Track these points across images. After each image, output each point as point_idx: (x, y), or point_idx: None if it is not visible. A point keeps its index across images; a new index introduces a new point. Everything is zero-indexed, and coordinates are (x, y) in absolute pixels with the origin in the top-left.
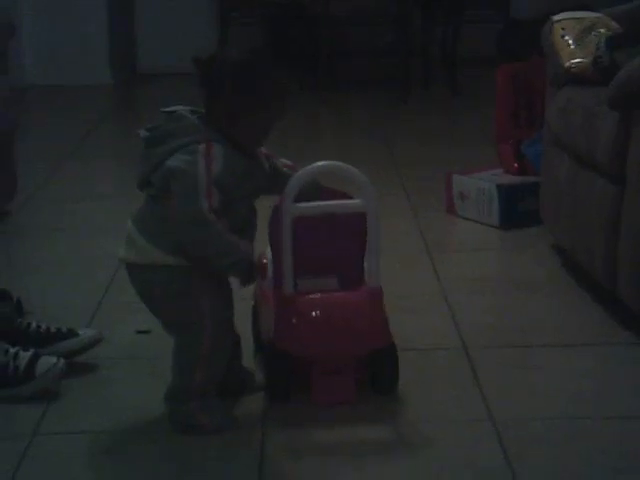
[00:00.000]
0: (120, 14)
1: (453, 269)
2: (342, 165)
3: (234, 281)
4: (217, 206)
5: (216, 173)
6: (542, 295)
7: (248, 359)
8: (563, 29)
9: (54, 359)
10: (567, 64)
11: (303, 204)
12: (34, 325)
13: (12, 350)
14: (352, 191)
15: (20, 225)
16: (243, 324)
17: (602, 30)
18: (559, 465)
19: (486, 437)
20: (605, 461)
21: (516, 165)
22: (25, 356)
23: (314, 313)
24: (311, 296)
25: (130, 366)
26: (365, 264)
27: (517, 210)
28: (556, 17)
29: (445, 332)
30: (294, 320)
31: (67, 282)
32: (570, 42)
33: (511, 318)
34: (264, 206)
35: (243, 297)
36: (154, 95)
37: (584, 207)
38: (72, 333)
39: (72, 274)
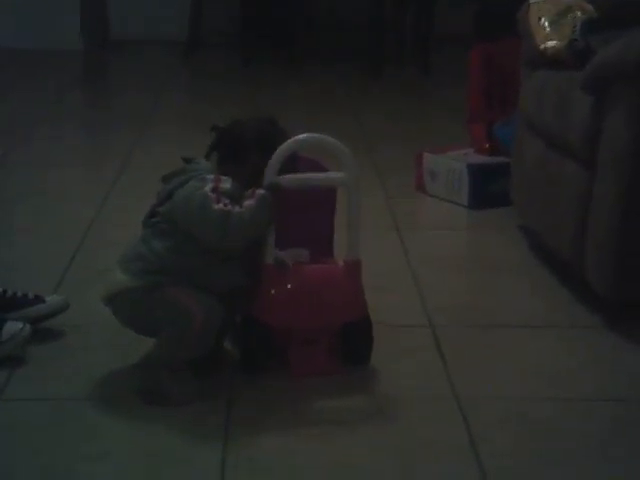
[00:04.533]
0: None
1: (421, 247)
2: (325, 137)
3: None
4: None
5: (223, 188)
6: (509, 276)
7: None
8: (539, 11)
9: (20, 324)
10: (542, 46)
11: (284, 176)
12: (0, 290)
13: None
14: (327, 161)
15: None
16: None
17: (578, 13)
18: (521, 444)
19: (451, 415)
20: (567, 442)
21: (487, 145)
22: None
23: (294, 284)
24: (291, 267)
25: (96, 333)
26: (336, 236)
27: (487, 191)
28: None
29: (411, 309)
30: (274, 291)
31: (35, 248)
32: (546, 24)
33: (478, 298)
34: None
35: None
36: (125, 62)
37: (554, 190)
38: (39, 299)
39: (40, 240)
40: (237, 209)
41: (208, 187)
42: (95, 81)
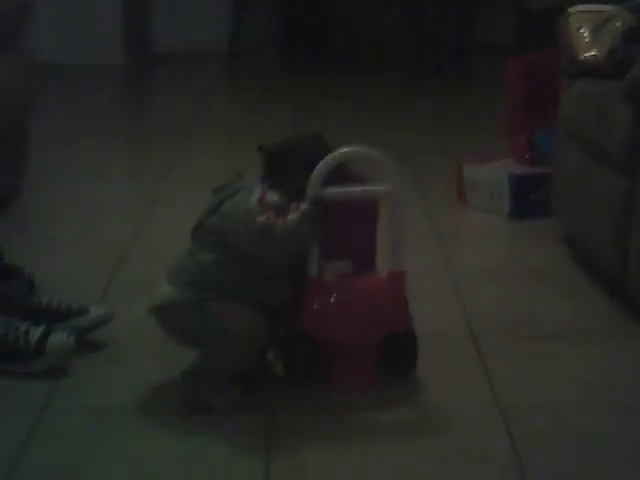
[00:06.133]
0: None
1: (463, 258)
2: (367, 150)
3: None
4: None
5: (269, 200)
6: (551, 286)
7: None
8: (579, 21)
9: (65, 335)
10: (582, 57)
11: (327, 189)
12: (45, 302)
13: (23, 326)
14: (371, 173)
15: (32, 203)
16: None
17: (618, 23)
18: (567, 454)
19: (495, 425)
20: (614, 451)
21: (528, 156)
22: (36, 332)
23: (338, 296)
24: (335, 280)
25: (140, 345)
26: (379, 249)
27: (528, 201)
28: (572, 9)
29: (455, 320)
30: (318, 303)
31: (79, 260)
32: (585, 35)
33: (520, 308)
34: None
35: None
36: (166, 76)
37: (595, 199)
38: (83, 310)
39: (84, 252)
40: (280, 222)
41: (254, 199)
42: (137, 95)
